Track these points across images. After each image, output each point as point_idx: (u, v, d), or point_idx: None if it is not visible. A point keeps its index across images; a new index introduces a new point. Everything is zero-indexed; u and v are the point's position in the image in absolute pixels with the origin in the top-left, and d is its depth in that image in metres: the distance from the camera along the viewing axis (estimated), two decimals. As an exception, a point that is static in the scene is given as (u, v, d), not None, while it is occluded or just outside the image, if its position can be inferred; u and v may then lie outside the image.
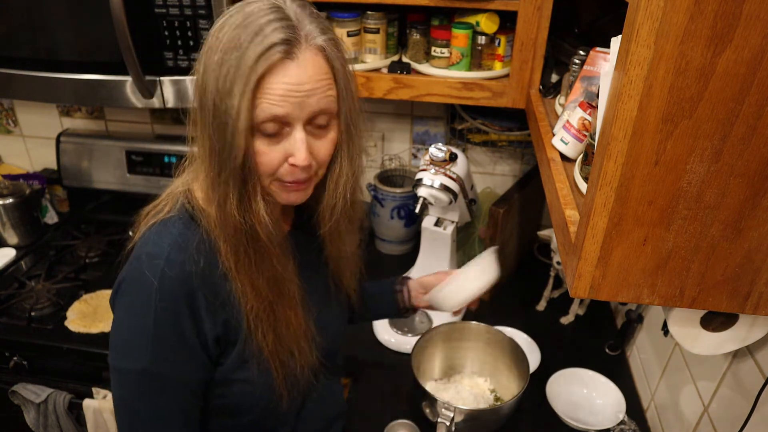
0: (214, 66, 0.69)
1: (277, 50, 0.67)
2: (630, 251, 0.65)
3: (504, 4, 1.23)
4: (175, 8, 1.26)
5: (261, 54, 0.66)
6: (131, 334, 0.75)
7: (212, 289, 0.77)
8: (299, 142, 0.72)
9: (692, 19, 0.52)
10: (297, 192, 0.78)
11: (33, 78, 1.39)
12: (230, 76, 0.67)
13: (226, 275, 0.77)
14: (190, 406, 0.80)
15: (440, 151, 1.33)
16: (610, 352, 1.41)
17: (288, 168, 0.74)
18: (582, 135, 0.88)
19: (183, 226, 0.78)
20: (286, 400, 0.85)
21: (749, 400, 0.84)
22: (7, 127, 1.98)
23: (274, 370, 0.82)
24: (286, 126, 0.72)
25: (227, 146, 0.70)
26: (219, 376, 0.81)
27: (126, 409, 0.77)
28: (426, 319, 1.48)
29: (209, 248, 0.77)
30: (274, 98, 0.68)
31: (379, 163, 1.82)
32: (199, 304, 0.76)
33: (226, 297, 0.78)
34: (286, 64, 0.68)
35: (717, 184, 0.59)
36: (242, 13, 0.69)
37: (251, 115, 0.68)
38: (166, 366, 0.75)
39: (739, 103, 0.55)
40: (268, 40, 0.67)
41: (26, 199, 1.78)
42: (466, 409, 1.09)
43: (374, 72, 1.38)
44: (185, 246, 0.75)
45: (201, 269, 0.75)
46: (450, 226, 1.47)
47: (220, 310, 0.78)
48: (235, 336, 0.80)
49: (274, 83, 0.68)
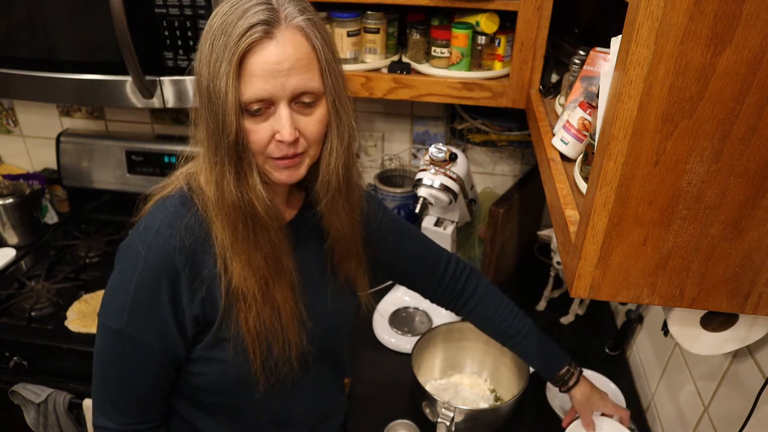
0: (206, 52, 0.73)
1: (256, 30, 0.71)
2: (630, 251, 0.65)
3: (504, 4, 1.23)
4: (175, 8, 1.26)
5: (242, 34, 0.71)
6: (115, 295, 0.81)
7: (196, 267, 0.80)
8: (284, 119, 0.75)
9: (692, 19, 0.52)
10: (288, 170, 0.80)
11: (33, 78, 1.39)
12: (218, 60, 0.72)
13: (214, 255, 0.81)
14: (156, 375, 0.84)
15: (440, 151, 1.33)
16: (610, 352, 1.41)
17: (276, 144, 0.77)
18: (582, 135, 0.88)
19: (179, 203, 0.82)
20: (263, 385, 0.87)
21: (749, 400, 0.84)
22: (7, 127, 1.98)
23: (251, 353, 0.84)
24: (271, 105, 0.75)
25: (220, 126, 0.73)
26: (196, 354, 0.85)
27: (100, 361, 0.84)
28: (426, 319, 1.48)
29: (200, 227, 0.81)
30: (256, 77, 0.72)
31: (379, 163, 1.82)
32: (179, 278, 0.80)
33: (208, 276, 0.81)
34: (266, 43, 0.72)
35: (717, 184, 0.59)
36: (230, 2, 0.74)
37: (237, 93, 0.72)
38: (138, 331, 0.80)
39: (739, 103, 0.55)
40: (248, 21, 0.71)
41: (26, 199, 1.78)
42: (466, 409, 1.09)
43: (374, 72, 1.38)
44: (175, 222, 0.80)
45: (187, 245, 0.79)
46: (450, 226, 1.47)
47: (200, 289, 0.81)
48: (213, 315, 0.83)
49: (255, 63, 0.72)
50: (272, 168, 0.80)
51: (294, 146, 0.77)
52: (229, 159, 0.75)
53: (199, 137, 0.80)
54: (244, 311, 0.83)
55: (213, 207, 0.80)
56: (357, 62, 1.38)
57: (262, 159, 0.79)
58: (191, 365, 0.86)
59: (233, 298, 0.82)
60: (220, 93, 0.72)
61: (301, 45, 0.74)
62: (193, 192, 0.83)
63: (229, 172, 0.76)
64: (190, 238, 0.80)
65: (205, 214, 0.81)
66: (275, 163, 0.79)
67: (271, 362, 0.87)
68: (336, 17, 1.32)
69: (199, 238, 0.81)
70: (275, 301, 0.85)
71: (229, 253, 0.81)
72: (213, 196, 0.79)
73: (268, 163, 0.79)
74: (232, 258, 0.81)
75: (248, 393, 0.89)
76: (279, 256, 0.84)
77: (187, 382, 0.88)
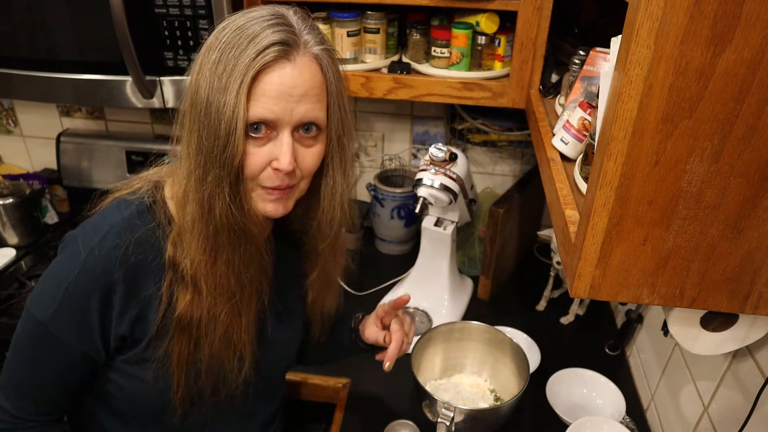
0: (210, 64, 0.69)
1: (275, 49, 0.68)
2: (630, 251, 0.65)
3: (504, 4, 1.23)
4: (175, 8, 1.26)
5: (260, 51, 0.67)
6: (47, 288, 0.77)
7: (135, 285, 0.76)
8: (285, 146, 0.72)
9: (692, 19, 0.52)
10: (276, 202, 0.76)
11: (33, 78, 1.39)
12: (227, 73, 0.68)
13: (159, 276, 0.77)
14: (68, 374, 0.81)
15: (440, 151, 1.33)
16: (610, 352, 1.41)
17: (270, 172, 0.73)
18: (582, 135, 0.88)
19: (136, 213, 0.77)
20: (179, 416, 0.84)
21: (749, 400, 0.84)
22: (7, 127, 1.98)
23: (174, 383, 0.81)
24: (274, 129, 0.72)
25: (221, 146, 0.69)
26: (116, 364, 0.82)
27: (16, 344, 0.81)
28: (426, 319, 1.48)
29: (151, 246, 0.76)
30: (267, 98, 0.69)
31: (379, 163, 1.82)
32: (114, 291, 0.75)
33: (146, 297, 0.77)
34: (283, 64, 0.69)
35: (717, 184, 0.59)
36: (245, 17, 0.71)
37: (246, 113, 0.68)
38: (60, 329, 0.77)
39: (739, 103, 0.55)
40: (267, 40, 0.68)
41: (26, 199, 1.78)
42: (466, 409, 1.09)
43: (374, 72, 1.38)
44: (124, 232, 0.75)
45: (132, 261, 0.75)
46: (450, 226, 1.47)
47: (134, 307, 0.77)
48: (142, 335, 0.79)
49: (268, 82, 0.69)
50: (260, 197, 0.75)
51: (290, 176, 0.74)
52: (223, 181, 0.71)
53: (183, 151, 0.74)
54: (183, 341, 0.79)
55: (188, 227, 0.74)
56: (357, 62, 1.38)
57: (251, 184, 0.74)
58: (109, 372, 0.83)
59: (174, 325, 0.78)
60: (227, 110, 0.68)
61: (316, 74, 0.72)
62: (156, 204, 0.78)
63: (221, 195, 0.71)
64: (138, 254, 0.75)
65: (162, 233, 0.77)
66: (265, 192, 0.75)
67: (195, 395, 0.83)
68: (336, 17, 1.32)
69: (148, 257, 0.76)
70: (231, 330, 0.81)
71: (199, 275, 0.75)
72: (191, 215, 0.73)
73: (257, 191, 0.75)
74: (198, 280, 0.76)
75: (163, 419, 0.85)
76: (260, 282, 0.80)
77: (103, 386, 0.85)
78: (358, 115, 1.76)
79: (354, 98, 1.71)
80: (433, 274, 1.51)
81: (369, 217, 1.80)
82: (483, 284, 1.57)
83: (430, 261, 1.51)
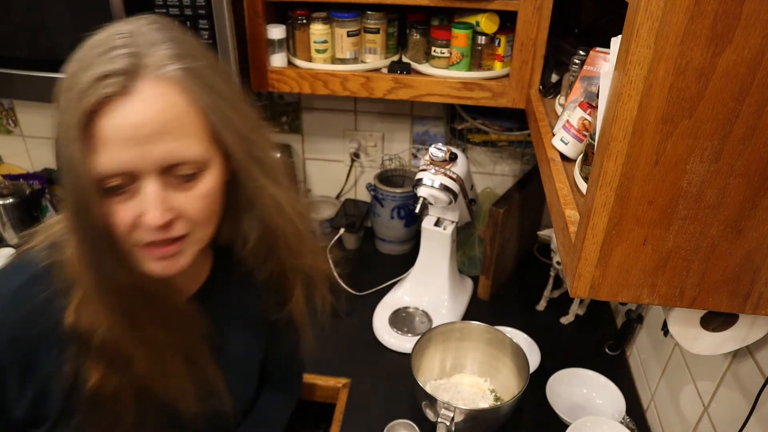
0: (57, 111, 0.59)
1: (108, 83, 0.55)
2: (630, 251, 0.65)
3: (504, 4, 1.23)
4: (175, 8, 1.26)
5: (87, 88, 0.55)
6: None
7: (33, 362, 0.67)
8: (149, 196, 0.59)
9: (692, 19, 0.52)
10: (164, 260, 0.64)
11: (33, 78, 1.39)
12: (65, 122, 0.57)
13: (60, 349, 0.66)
14: None
15: (440, 151, 1.33)
16: (610, 352, 1.41)
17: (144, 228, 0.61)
18: (582, 135, 0.88)
19: (29, 279, 0.67)
20: None
21: (749, 400, 0.84)
22: (7, 127, 1.98)
23: None
24: (134, 180, 0.59)
25: (81, 207, 0.59)
26: None
27: None
28: (426, 319, 1.48)
29: (49, 317, 0.66)
30: (110, 145, 0.56)
31: (379, 163, 1.82)
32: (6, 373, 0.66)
33: (47, 374, 0.67)
34: (120, 101, 0.56)
35: (717, 184, 0.59)
36: (85, 45, 0.59)
37: (91, 168, 0.57)
38: None
39: (739, 103, 0.55)
40: (97, 71, 0.55)
41: (26, 199, 1.78)
42: (466, 409, 1.09)
43: (374, 72, 1.38)
44: (20, 306, 0.65)
45: (21, 337, 0.66)
46: (450, 226, 1.47)
47: (33, 386, 0.67)
48: (48, 412, 0.69)
49: (109, 126, 0.56)
50: (144, 257, 0.64)
51: (166, 230, 0.61)
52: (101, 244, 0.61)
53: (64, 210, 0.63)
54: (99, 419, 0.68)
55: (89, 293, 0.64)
56: (357, 62, 1.38)
57: (130, 246, 0.62)
58: None
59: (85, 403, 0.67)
60: (73, 164, 0.56)
61: (172, 103, 0.58)
62: (54, 267, 0.66)
63: (106, 259, 0.61)
64: (30, 328, 0.65)
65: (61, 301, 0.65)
66: (146, 251, 0.63)
67: None
68: (336, 17, 1.32)
69: (46, 329, 0.65)
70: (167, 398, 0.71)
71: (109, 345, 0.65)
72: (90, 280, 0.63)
73: (138, 252, 0.63)
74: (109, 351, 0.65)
75: None
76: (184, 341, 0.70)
77: None
78: (358, 115, 1.76)
79: (354, 98, 1.71)
80: (433, 274, 1.51)
81: (369, 217, 1.80)
82: (483, 284, 1.57)
83: (430, 261, 1.51)
